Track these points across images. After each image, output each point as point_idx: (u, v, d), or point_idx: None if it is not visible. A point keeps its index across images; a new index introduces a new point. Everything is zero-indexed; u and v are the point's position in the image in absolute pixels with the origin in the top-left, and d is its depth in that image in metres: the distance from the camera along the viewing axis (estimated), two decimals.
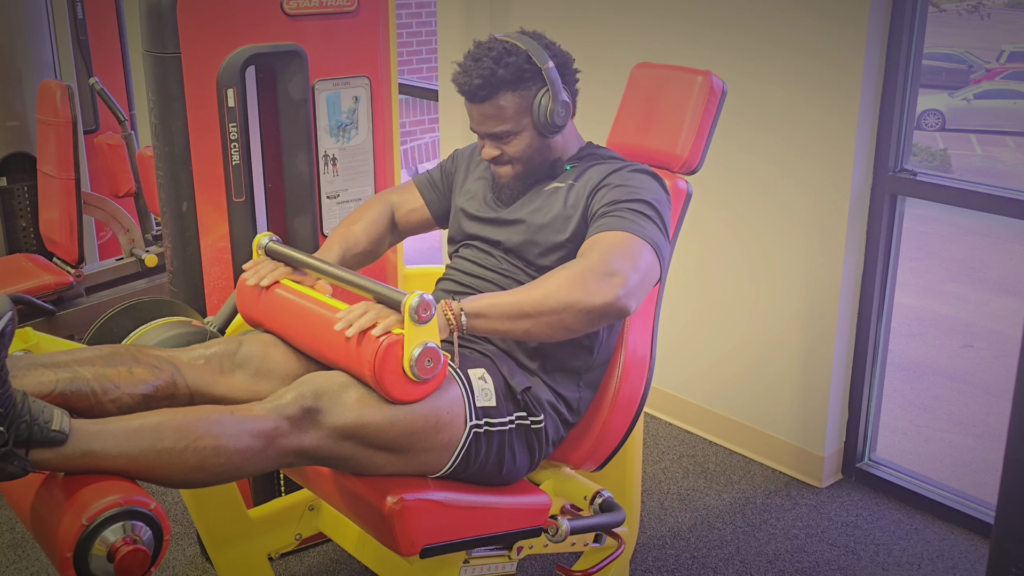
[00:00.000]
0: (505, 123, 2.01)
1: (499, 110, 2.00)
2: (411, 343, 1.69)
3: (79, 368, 1.73)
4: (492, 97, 1.99)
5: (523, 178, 2.08)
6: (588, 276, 1.80)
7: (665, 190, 2.03)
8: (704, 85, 2.19)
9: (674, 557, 2.66)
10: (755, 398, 3.15)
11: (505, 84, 1.98)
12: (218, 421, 1.64)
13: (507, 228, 2.08)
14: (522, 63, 1.98)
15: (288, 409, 1.69)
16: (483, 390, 1.88)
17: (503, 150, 2.05)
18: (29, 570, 2.59)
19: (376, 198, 2.29)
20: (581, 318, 1.80)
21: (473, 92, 2.00)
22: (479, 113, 2.03)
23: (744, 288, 3.11)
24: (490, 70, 1.97)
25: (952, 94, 10.59)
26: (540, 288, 1.81)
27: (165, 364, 1.82)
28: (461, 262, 2.14)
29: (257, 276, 1.98)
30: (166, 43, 2.24)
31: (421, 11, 8.06)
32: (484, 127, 2.04)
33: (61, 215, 3.38)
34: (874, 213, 2.82)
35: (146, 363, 1.80)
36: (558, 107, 2.00)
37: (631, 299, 1.83)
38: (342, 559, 2.64)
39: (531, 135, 2.03)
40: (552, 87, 1.99)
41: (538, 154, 2.06)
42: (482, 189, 2.17)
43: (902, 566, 2.63)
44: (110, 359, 1.78)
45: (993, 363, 5.22)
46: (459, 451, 1.84)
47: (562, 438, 2.06)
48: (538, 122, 2.01)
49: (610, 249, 1.86)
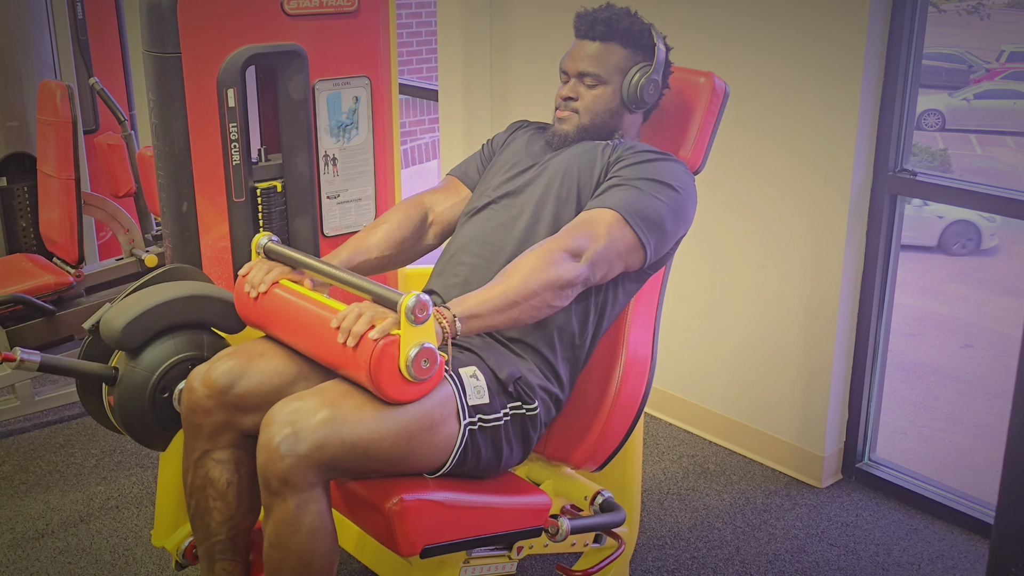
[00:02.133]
0: (602, 68, 2.10)
1: (603, 53, 2.10)
2: (407, 344, 1.69)
3: (216, 546, 1.95)
4: (605, 39, 2.10)
5: (581, 132, 2.13)
6: (555, 253, 1.89)
7: (688, 180, 2.08)
8: (707, 86, 2.19)
9: (674, 557, 2.66)
10: (755, 398, 3.15)
11: (622, 36, 2.09)
12: (282, 560, 1.76)
13: (539, 168, 2.12)
14: (644, 31, 2.11)
15: (279, 473, 1.70)
16: (475, 388, 1.88)
17: (580, 95, 2.12)
18: (29, 570, 2.59)
19: (407, 201, 2.26)
20: (559, 293, 1.88)
21: (591, 25, 2.10)
22: (582, 50, 2.12)
23: (744, 288, 3.11)
24: (617, 17, 2.09)
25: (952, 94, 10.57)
26: (517, 273, 1.86)
27: (219, 489, 1.94)
28: (473, 228, 2.13)
29: (250, 284, 1.97)
30: (166, 43, 2.24)
31: (421, 11, 8.06)
32: (579, 64, 2.11)
33: (61, 215, 3.38)
34: (874, 213, 2.82)
35: (215, 500, 1.94)
36: (650, 85, 2.10)
37: (596, 268, 1.93)
38: (342, 559, 2.63)
39: (612, 94, 2.11)
40: (655, 65, 2.09)
41: (607, 116, 2.13)
42: (520, 148, 2.21)
43: (902, 566, 2.63)
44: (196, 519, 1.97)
45: (993, 363, 5.22)
46: (456, 450, 1.84)
47: (553, 418, 2.07)
48: (627, 88, 2.10)
49: (579, 224, 1.96)
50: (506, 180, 2.16)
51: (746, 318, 3.12)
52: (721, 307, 3.18)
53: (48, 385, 3.51)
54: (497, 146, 2.30)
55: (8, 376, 3.30)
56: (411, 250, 2.23)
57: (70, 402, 3.45)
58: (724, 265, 3.14)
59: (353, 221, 2.55)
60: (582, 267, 1.90)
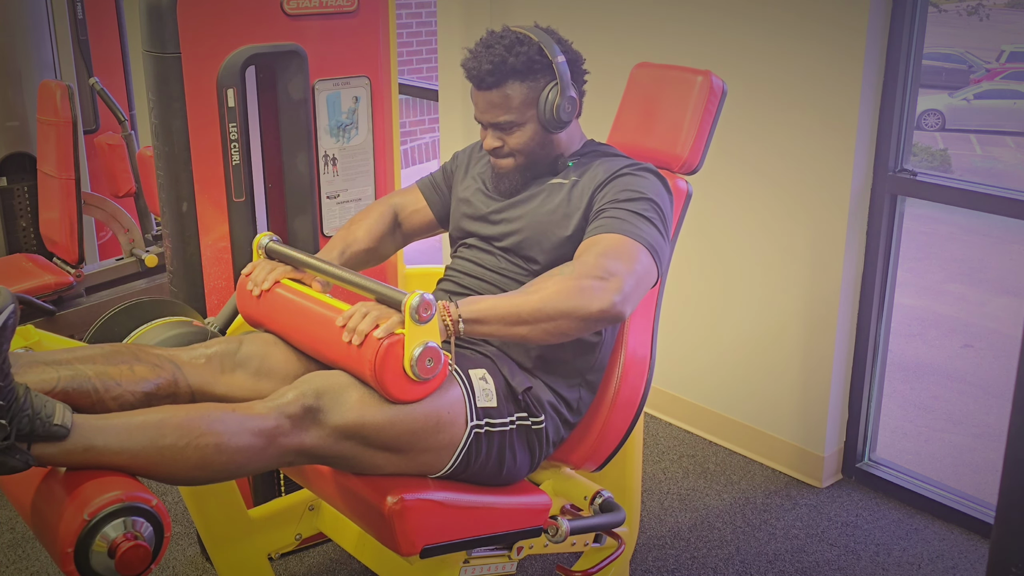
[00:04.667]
0: (510, 113, 1.99)
1: (505, 99, 1.99)
2: (412, 343, 1.69)
3: (81, 366, 1.73)
4: (500, 85, 1.98)
5: (523, 171, 2.07)
6: (584, 282, 1.79)
7: (668, 190, 2.02)
8: (704, 85, 2.19)
9: (674, 557, 2.66)
10: (755, 398, 3.15)
11: (514, 73, 1.97)
12: (220, 419, 1.64)
13: (506, 224, 2.07)
14: (533, 54, 1.97)
15: (289, 408, 1.69)
16: (484, 390, 1.88)
17: (505, 141, 2.04)
18: (29, 570, 2.59)
19: (379, 201, 2.29)
20: (577, 324, 1.80)
21: (481, 78, 1.99)
22: (485, 101, 2.02)
23: (744, 288, 3.11)
24: (501, 57, 1.96)
25: (952, 94, 10.57)
26: (537, 294, 1.79)
27: (166, 363, 1.82)
28: (460, 262, 2.14)
29: (253, 283, 1.98)
30: (166, 43, 2.24)
31: (421, 11, 8.06)
32: (488, 116, 2.02)
33: (61, 215, 3.38)
34: (874, 213, 2.82)
35: (147, 361, 1.80)
36: (565, 103, 1.99)
37: (627, 304, 1.82)
38: (342, 559, 2.64)
39: (535, 128, 2.02)
40: (561, 82, 1.98)
41: (540, 148, 2.05)
42: (480, 186, 2.16)
43: (902, 566, 2.63)
44: (112, 357, 1.78)
45: (993, 363, 5.21)
46: (460, 451, 1.84)
47: (562, 439, 2.05)
48: (543, 116, 2.00)
49: (606, 254, 1.85)
50: (482, 219, 2.12)
51: (746, 318, 3.12)
52: (721, 307, 3.18)
53: None
54: (453, 172, 2.26)
55: None
56: (387, 247, 2.25)
57: None
58: (724, 265, 3.14)
59: None
60: (615, 297, 1.79)
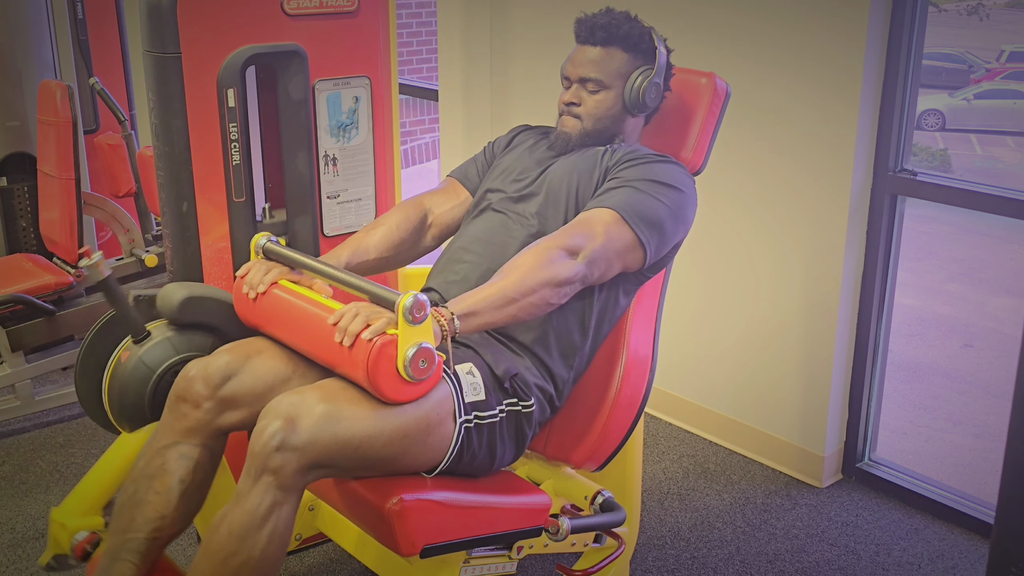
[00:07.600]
0: (603, 74, 2.10)
1: (604, 59, 2.10)
2: (405, 343, 1.69)
3: (128, 543, 1.86)
4: (606, 44, 2.10)
5: (583, 136, 2.14)
6: (552, 251, 1.89)
7: (693, 191, 2.09)
8: (708, 87, 2.20)
9: (674, 557, 2.66)
10: (755, 398, 3.15)
11: (623, 40, 2.09)
12: (233, 552, 1.68)
13: (536, 184, 2.12)
14: (644, 35, 2.11)
15: (271, 462, 1.67)
16: (472, 384, 1.89)
17: (583, 100, 2.13)
18: (29, 570, 2.59)
19: (406, 202, 2.27)
20: (557, 290, 1.89)
21: (592, 31, 2.10)
22: (584, 56, 2.12)
23: (745, 288, 3.11)
24: (618, 22, 2.09)
25: (952, 94, 10.57)
26: (516, 271, 1.86)
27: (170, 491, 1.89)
28: (475, 229, 2.14)
29: (248, 285, 1.98)
30: (166, 43, 2.24)
31: (421, 11, 8.06)
32: (582, 69, 2.12)
33: (61, 215, 3.38)
34: (874, 213, 2.82)
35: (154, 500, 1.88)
36: (651, 88, 2.11)
37: (593, 267, 1.93)
38: (342, 559, 2.64)
39: (615, 99, 2.12)
40: (656, 69, 2.10)
41: (609, 121, 2.14)
42: (523, 152, 2.22)
43: (902, 566, 2.63)
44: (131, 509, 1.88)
45: (993, 363, 5.22)
46: (452, 449, 1.85)
47: (547, 418, 2.07)
48: (628, 92, 2.11)
49: (577, 224, 1.97)
50: (509, 183, 2.16)
51: (746, 318, 3.12)
52: (721, 307, 3.18)
53: (48, 385, 3.52)
54: (499, 150, 2.31)
55: (8, 376, 3.30)
56: (409, 252, 2.24)
57: (70, 402, 3.45)
58: (725, 265, 3.14)
59: (353, 221, 2.55)
60: (579, 265, 1.91)
